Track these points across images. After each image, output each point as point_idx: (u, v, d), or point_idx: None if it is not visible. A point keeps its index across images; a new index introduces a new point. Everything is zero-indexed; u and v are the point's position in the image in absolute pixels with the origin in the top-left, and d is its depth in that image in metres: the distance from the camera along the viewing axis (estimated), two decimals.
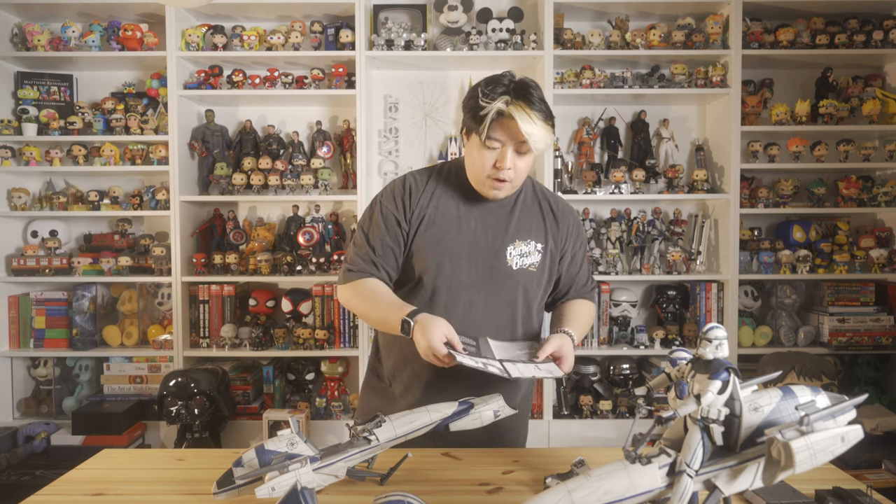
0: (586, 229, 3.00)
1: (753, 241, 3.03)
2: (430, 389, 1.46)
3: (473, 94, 1.39)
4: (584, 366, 2.99)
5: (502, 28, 2.91)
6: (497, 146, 1.38)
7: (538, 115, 1.34)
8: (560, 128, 3.13)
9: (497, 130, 1.36)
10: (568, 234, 1.55)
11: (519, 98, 1.34)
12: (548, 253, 1.51)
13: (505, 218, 1.49)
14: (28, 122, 2.94)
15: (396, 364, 1.52)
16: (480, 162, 1.40)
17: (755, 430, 0.86)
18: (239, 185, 2.96)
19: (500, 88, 1.35)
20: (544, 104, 1.37)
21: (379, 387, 1.58)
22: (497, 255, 1.47)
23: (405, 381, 1.50)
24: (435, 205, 1.48)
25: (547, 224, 1.53)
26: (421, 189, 1.50)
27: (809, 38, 2.92)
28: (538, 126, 1.34)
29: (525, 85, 1.37)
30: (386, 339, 1.56)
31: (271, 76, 2.96)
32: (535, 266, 1.49)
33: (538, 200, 1.55)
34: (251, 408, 2.92)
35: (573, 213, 1.59)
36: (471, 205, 1.49)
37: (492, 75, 1.41)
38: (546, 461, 1.32)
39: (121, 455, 1.41)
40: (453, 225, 1.47)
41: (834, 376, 2.61)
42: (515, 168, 1.40)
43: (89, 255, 2.99)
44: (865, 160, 2.97)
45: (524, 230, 1.50)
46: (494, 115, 1.34)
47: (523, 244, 1.48)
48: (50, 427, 2.87)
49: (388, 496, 0.96)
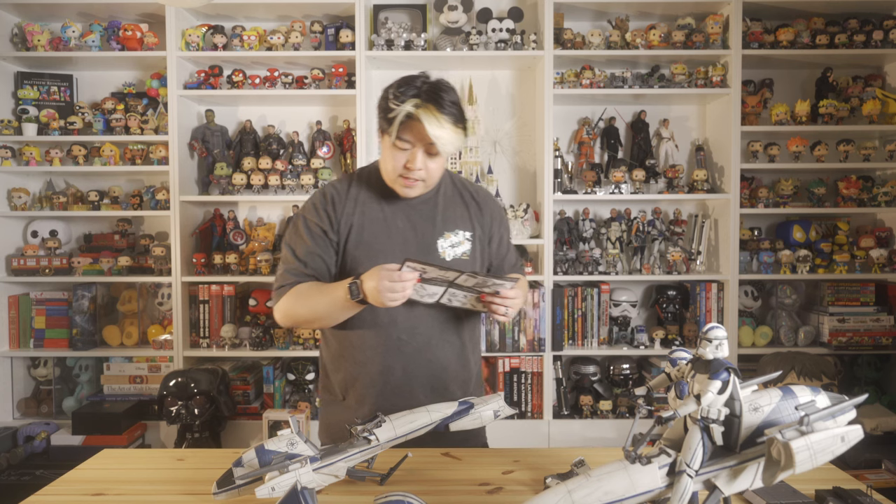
0: (586, 229, 3.00)
1: (753, 241, 3.03)
2: (386, 395, 1.48)
3: (385, 94, 1.41)
4: (584, 366, 2.99)
5: (502, 28, 2.91)
6: (407, 147, 1.40)
7: (447, 119, 1.36)
8: (560, 128, 3.13)
9: (407, 132, 1.38)
10: (492, 217, 1.60)
11: (429, 101, 1.35)
12: (476, 239, 1.55)
13: (430, 213, 1.52)
14: (28, 122, 2.94)
15: (346, 378, 1.53)
16: (392, 162, 1.43)
17: (755, 430, 0.86)
18: (239, 185, 2.96)
19: (412, 91, 1.37)
20: (456, 107, 1.39)
21: (333, 402, 1.58)
22: (429, 249, 1.50)
23: (359, 392, 1.51)
24: (361, 210, 1.50)
25: (471, 212, 1.57)
26: (343, 197, 1.51)
27: (809, 38, 2.92)
28: (447, 130, 1.36)
29: (437, 88, 1.38)
30: (332, 355, 1.56)
31: (271, 76, 2.96)
32: (467, 254, 1.53)
33: (458, 191, 1.59)
34: (251, 408, 2.92)
35: (493, 198, 1.65)
36: (395, 205, 1.52)
37: (406, 76, 1.42)
38: (546, 461, 1.32)
39: (121, 455, 1.41)
40: (381, 227, 1.49)
41: (834, 376, 2.61)
42: (427, 169, 1.42)
43: (89, 255, 2.99)
44: (865, 160, 2.97)
45: (450, 221, 1.53)
46: (403, 117, 1.36)
47: (452, 235, 1.52)
48: (50, 427, 2.87)
49: (388, 496, 0.96)
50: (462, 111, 1.41)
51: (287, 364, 3.03)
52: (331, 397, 1.58)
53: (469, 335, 1.57)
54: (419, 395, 1.47)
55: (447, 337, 1.51)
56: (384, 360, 1.47)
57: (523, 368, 2.92)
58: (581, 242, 3.03)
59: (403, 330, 1.47)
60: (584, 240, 3.01)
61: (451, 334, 1.52)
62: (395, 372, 1.47)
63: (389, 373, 1.47)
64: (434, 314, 1.49)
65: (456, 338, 1.53)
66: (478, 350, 1.64)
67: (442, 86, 1.39)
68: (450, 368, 1.51)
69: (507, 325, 2.88)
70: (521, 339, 2.89)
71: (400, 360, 1.47)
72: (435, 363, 1.49)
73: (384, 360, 1.47)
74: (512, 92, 3.17)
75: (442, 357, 1.50)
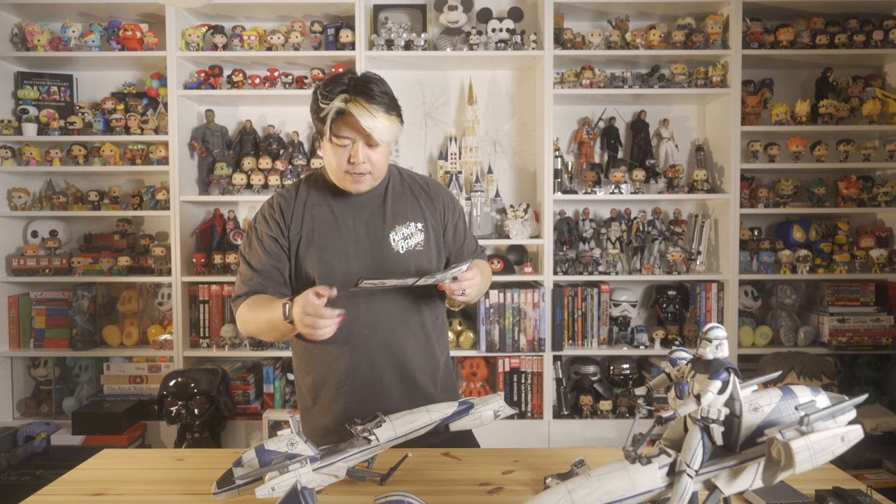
0: (586, 229, 3.00)
1: (753, 241, 3.03)
2: (355, 391, 1.49)
3: (315, 96, 1.42)
4: (584, 366, 2.99)
5: (502, 28, 2.91)
6: (347, 143, 1.41)
7: (378, 108, 1.37)
8: (560, 128, 3.13)
9: (342, 128, 1.40)
10: (444, 206, 1.60)
11: (357, 94, 1.37)
12: (430, 229, 1.56)
13: (379, 208, 1.53)
14: (28, 122, 2.94)
15: (314, 381, 1.54)
16: (335, 160, 1.44)
17: (755, 430, 0.86)
18: (239, 185, 2.96)
19: (339, 87, 1.38)
20: (387, 96, 1.41)
21: (305, 410, 1.59)
22: (381, 244, 1.50)
23: (330, 393, 1.51)
24: (310, 214, 1.52)
25: (421, 203, 1.58)
26: (291, 204, 1.53)
27: (809, 38, 2.92)
28: (379, 119, 1.38)
29: (365, 80, 1.40)
30: (299, 360, 1.58)
31: (271, 76, 2.96)
32: (420, 245, 1.53)
33: (407, 184, 1.60)
34: (251, 408, 2.92)
35: (444, 188, 1.65)
36: (344, 205, 1.53)
37: (332, 76, 1.44)
38: (546, 461, 1.32)
39: (121, 455, 1.41)
40: (332, 228, 1.51)
41: (834, 376, 2.61)
42: (370, 161, 1.43)
43: (89, 255, 2.99)
44: (865, 160, 2.97)
45: (401, 214, 1.54)
46: (334, 114, 1.38)
47: (404, 227, 1.53)
48: (50, 427, 2.87)
49: (388, 496, 0.96)
50: (394, 99, 1.43)
51: (287, 364, 3.03)
52: (302, 404, 1.59)
53: (433, 324, 1.57)
54: (389, 387, 1.49)
55: (411, 328, 1.52)
56: (351, 358, 1.48)
57: (523, 368, 2.92)
58: (581, 242, 3.02)
59: (366, 325, 1.48)
60: (584, 240, 3.01)
61: (415, 325, 1.53)
62: (362, 367, 1.48)
63: (357, 369, 1.48)
64: (395, 306, 1.50)
65: (419, 328, 1.54)
66: (444, 340, 1.65)
67: (370, 78, 1.41)
68: (416, 359, 1.52)
69: (506, 325, 2.88)
70: (521, 339, 2.89)
71: (365, 354, 1.48)
72: (401, 354, 1.50)
73: (351, 358, 1.48)
74: (512, 92, 3.17)
75: (408, 348, 1.51)
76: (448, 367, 1.65)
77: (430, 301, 1.57)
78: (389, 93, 1.43)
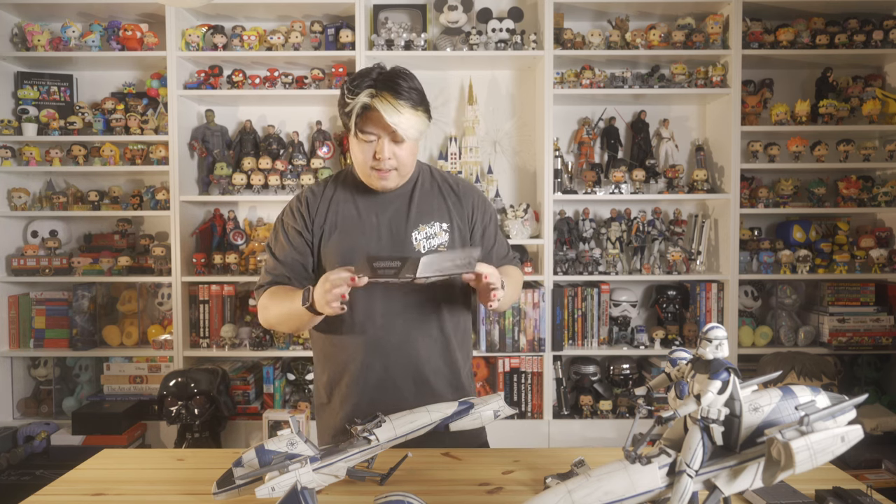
0: (586, 229, 3.00)
1: (753, 241, 3.03)
2: (367, 392, 1.48)
3: (342, 90, 1.42)
4: (584, 366, 2.99)
5: (502, 28, 2.91)
6: (373, 139, 1.40)
7: (405, 104, 1.36)
8: (560, 128, 3.13)
9: (368, 124, 1.39)
10: (473, 207, 1.57)
11: (384, 89, 1.36)
12: (455, 230, 1.53)
13: (404, 206, 1.52)
14: (28, 122, 2.94)
15: (330, 379, 1.53)
16: (361, 156, 1.44)
17: (755, 430, 0.86)
18: (239, 185, 2.96)
19: (367, 82, 1.37)
20: (415, 92, 1.39)
21: (321, 406, 1.58)
22: (403, 242, 1.49)
23: (342, 392, 1.51)
24: (335, 210, 1.52)
25: (449, 203, 1.55)
26: (318, 198, 1.53)
27: (809, 38, 2.92)
28: (405, 115, 1.36)
29: (393, 75, 1.39)
30: (317, 357, 1.58)
31: (271, 76, 2.96)
32: (444, 246, 1.51)
33: (437, 184, 1.57)
34: (251, 408, 2.92)
35: (475, 189, 1.62)
36: (369, 202, 1.52)
37: (361, 69, 1.43)
38: (546, 461, 1.32)
39: (121, 455, 1.41)
40: (356, 224, 1.50)
41: (834, 376, 2.61)
42: (396, 157, 1.42)
43: (89, 255, 2.99)
44: (865, 160, 2.97)
45: (426, 214, 1.52)
46: (360, 109, 1.37)
47: (427, 227, 1.50)
48: (50, 427, 2.87)
49: (388, 496, 0.96)
50: (422, 95, 1.41)
51: (287, 364, 3.03)
52: (318, 401, 1.59)
53: (454, 330, 1.54)
54: (402, 390, 1.47)
55: (428, 331, 1.50)
56: (364, 358, 1.47)
57: (523, 368, 2.92)
58: (581, 242, 3.02)
59: (381, 326, 1.47)
60: (584, 240, 3.01)
61: (433, 328, 1.50)
62: (375, 368, 1.47)
63: (370, 370, 1.47)
64: (413, 308, 1.48)
65: (438, 332, 1.51)
66: (466, 347, 1.61)
67: (399, 72, 1.40)
68: (431, 362, 1.50)
69: (506, 325, 2.88)
70: (521, 339, 2.89)
71: (380, 356, 1.47)
72: (415, 358, 1.48)
73: (364, 358, 1.47)
74: (512, 92, 3.17)
75: (423, 352, 1.49)
76: (470, 376, 1.62)
77: (453, 306, 1.53)
78: (418, 88, 1.41)
